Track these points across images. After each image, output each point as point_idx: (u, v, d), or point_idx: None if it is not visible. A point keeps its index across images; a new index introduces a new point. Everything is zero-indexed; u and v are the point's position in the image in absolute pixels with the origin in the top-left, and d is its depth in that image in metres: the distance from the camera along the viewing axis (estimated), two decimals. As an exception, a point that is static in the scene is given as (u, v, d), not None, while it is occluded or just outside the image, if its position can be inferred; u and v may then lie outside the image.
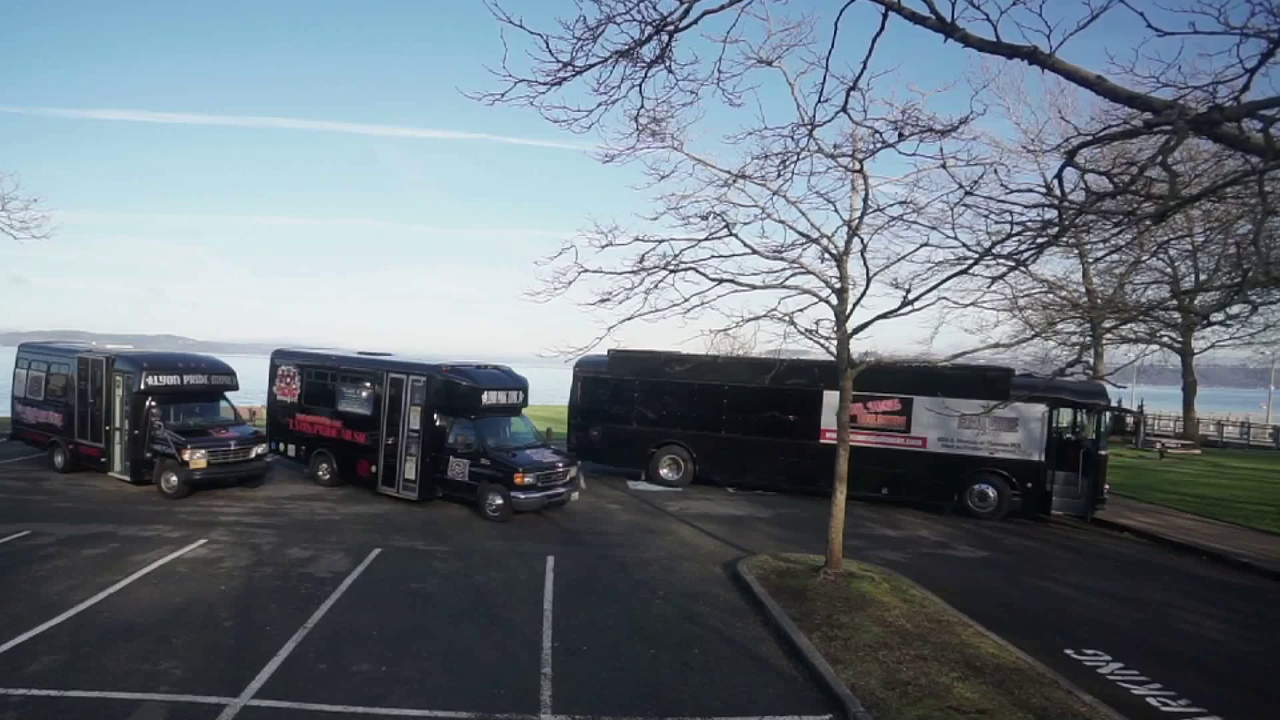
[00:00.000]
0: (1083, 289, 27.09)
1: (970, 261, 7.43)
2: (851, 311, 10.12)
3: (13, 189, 23.31)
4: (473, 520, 14.16)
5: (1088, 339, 27.13)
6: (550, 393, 28.93)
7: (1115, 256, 27.53)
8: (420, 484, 15.01)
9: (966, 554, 13.73)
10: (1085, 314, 23.23)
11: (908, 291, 8.95)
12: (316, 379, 17.01)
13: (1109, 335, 30.28)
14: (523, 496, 13.99)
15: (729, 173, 9.81)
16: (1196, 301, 30.73)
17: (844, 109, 5.58)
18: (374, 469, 15.67)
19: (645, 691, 7.45)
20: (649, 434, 18.96)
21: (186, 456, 14.41)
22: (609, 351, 19.45)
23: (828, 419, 17.35)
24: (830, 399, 17.09)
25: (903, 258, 9.49)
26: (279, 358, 17.81)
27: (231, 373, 16.81)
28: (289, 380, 17.42)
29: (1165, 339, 33.35)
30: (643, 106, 5.71)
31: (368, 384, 16.00)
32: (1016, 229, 5.67)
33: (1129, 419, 17.60)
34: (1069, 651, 9.01)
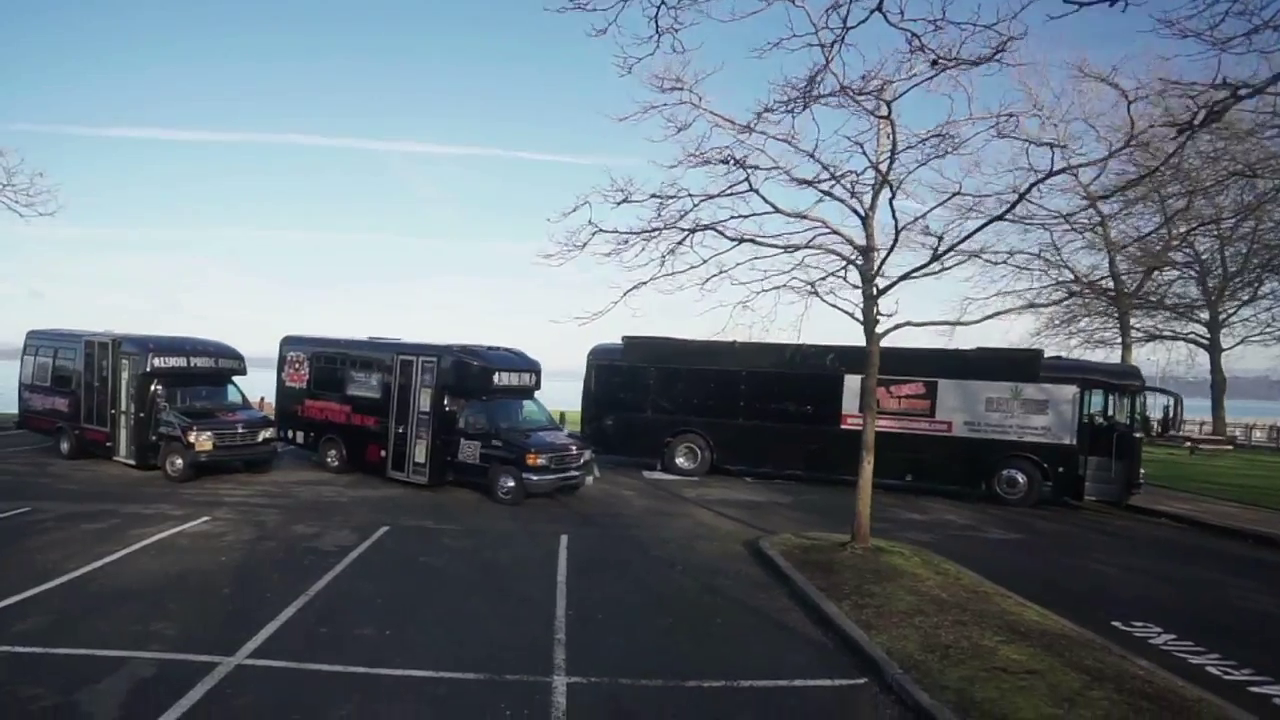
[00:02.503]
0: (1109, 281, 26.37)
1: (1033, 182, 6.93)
2: (879, 270, 9.64)
3: (18, 162, 22.96)
4: (484, 503, 13.73)
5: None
6: (559, 401, 28.36)
7: (1136, 248, 26.80)
8: (430, 468, 14.59)
9: (998, 536, 13.14)
10: (1113, 302, 22.65)
11: (939, 239, 8.46)
12: (325, 364, 16.66)
13: (1136, 330, 29.57)
14: (535, 478, 13.54)
15: (747, 127, 9.36)
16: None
17: (879, 7, 5.15)
18: (383, 453, 15.27)
19: (665, 657, 6.97)
20: (665, 422, 18.47)
21: (192, 438, 14.07)
22: (623, 338, 19.06)
23: (849, 404, 16.81)
24: (851, 383, 16.57)
25: (936, 206, 8.98)
26: (288, 345, 17.46)
27: (239, 357, 16.52)
28: (298, 366, 17.08)
29: (1193, 336, 32.55)
30: (663, 3, 5.29)
31: (377, 367, 15.64)
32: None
33: (1154, 423, 16.63)
34: (1116, 624, 8.43)
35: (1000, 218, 8.28)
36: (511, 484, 13.67)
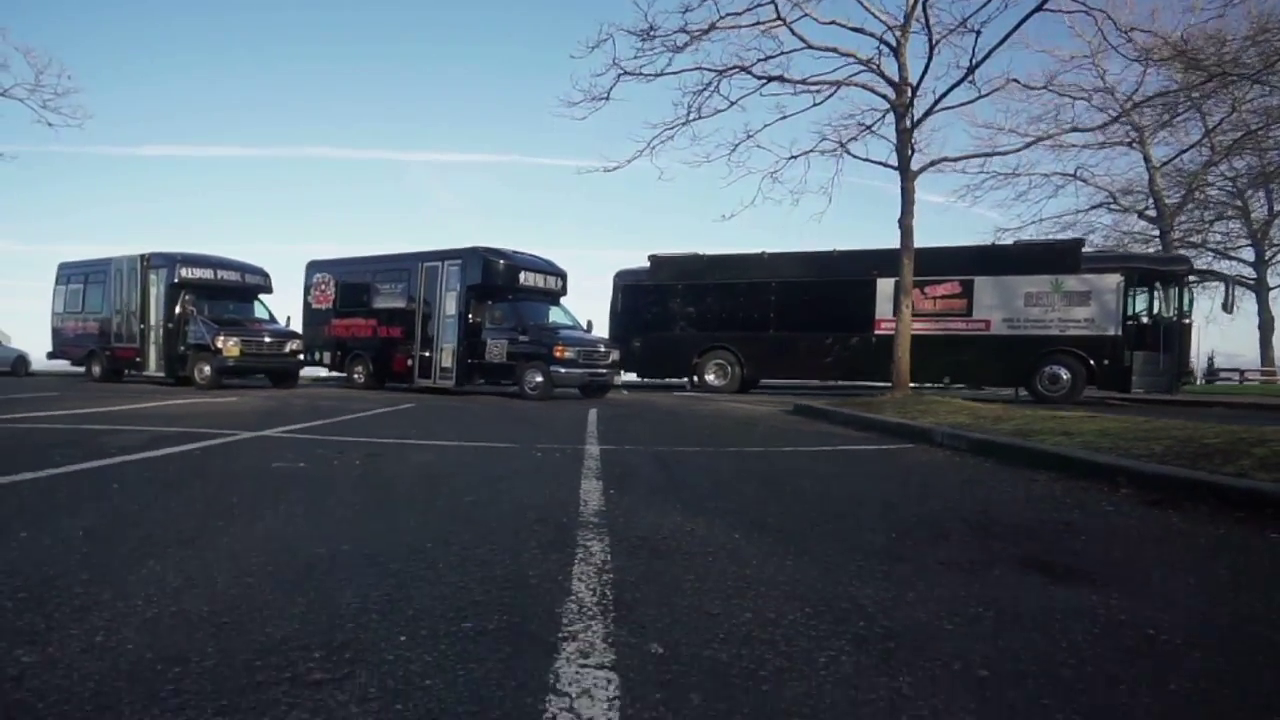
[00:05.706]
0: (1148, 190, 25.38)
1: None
2: (914, 98, 9.27)
3: (45, 63, 22.27)
4: (512, 400, 13.52)
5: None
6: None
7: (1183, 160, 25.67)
8: (457, 371, 14.41)
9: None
10: (1154, 222, 21.92)
11: (977, 35, 8.06)
12: (351, 282, 16.59)
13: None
14: (563, 370, 13.28)
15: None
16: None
17: None
18: (410, 362, 15.13)
19: (702, 442, 6.70)
20: (694, 339, 18.11)
21: (219, 344, 14.05)
22: (649, 257, 18.79)
23: (883, 309, 16.34)
24: (885, 287, 16.12)
25: (977, 10, 8.52)
26: (313, 269, 17.40)
27: (266, 275, 16.55)
28: (323, 288, 17.01)
29: (1239, 278, 31.50)
30: None
31: (402, 278, 15.52)
32: None
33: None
34: (1180, 435, 7.96)
35: (1041, 6, 7.89)
36: (539, 379, 13.43)
